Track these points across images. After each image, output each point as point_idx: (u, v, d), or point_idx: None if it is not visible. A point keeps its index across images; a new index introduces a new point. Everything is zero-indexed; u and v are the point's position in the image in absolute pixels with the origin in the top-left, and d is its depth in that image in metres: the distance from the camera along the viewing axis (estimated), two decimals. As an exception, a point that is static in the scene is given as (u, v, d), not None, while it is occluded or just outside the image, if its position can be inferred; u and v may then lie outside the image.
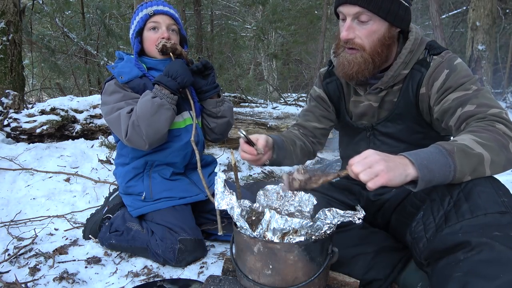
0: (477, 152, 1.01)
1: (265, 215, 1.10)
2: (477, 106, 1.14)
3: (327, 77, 1.55)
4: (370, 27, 1.23)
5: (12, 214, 2.13)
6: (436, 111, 1.25)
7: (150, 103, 1.57)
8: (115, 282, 1.49)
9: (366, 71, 1.28)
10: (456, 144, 1.02)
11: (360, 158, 1.01)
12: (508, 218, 0.94)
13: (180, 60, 1.72)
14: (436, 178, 0.99)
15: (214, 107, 1.82)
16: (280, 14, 7.51)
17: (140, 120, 1.57)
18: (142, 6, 1.77)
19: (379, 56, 1.27)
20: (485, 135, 1.04)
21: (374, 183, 0.96)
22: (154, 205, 1.72)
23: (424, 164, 0.98)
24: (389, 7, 1.21)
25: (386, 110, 1.40)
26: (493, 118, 1.10)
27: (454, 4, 8.45)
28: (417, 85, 1.30)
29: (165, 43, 1.68)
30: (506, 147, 1.03)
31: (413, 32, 1.31)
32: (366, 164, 0.98)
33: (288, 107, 4.40)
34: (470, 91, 1.18)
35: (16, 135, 3.13)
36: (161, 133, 1.63)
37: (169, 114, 1.62)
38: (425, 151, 1.02)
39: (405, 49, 1.29)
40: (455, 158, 0.99)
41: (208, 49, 7.76)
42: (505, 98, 5.97)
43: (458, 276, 0.91)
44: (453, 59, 1.26)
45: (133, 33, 1.77)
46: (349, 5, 1.22)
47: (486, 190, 1.00)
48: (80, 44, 6.37)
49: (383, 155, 1.00)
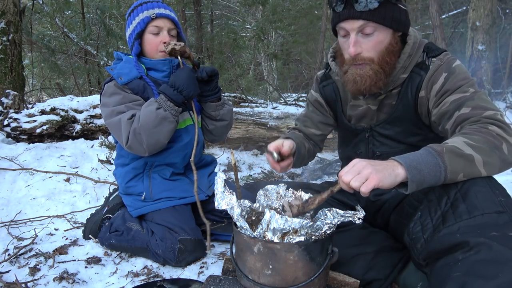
0: (467, 153, 1.01)
1: (265, 215, 1.10)
2: (472, 109, 1.15)
3: (324, 80, 1.55)
4: (376, 38, 1.21)
5: (12, 214, 2.13)
6: (434, 114, 1.26)
7: (154, 115, 1.56)
8: (115, 282, 1.49)
9: (380, 82, 1.27)
10: (446, 146, 1.03)
11: (348, 168, 1.03)
12: (505, 217, 0.94)
13: (187, 69, 1.69)
14: (427, 179, 1.00)
15: (213, 111, 1.82)
16: (280, 14, 7.50)
17: (142, 130, 1.56)
18: (142, 6, 1.73)
19: (388, 65, 1.26)
20: (476, 137, 1.04)
21: (366, 186, 0.98)
22: (154, 205, 1.72)
23: (413, 166, 0.99)
24: (392, 15, 1.20)
25: (385, 113, 1.40)
26: (486, 120, 1.11)
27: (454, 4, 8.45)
28: (416, 88, 1.30)
29: (175, 46, 1.64)
30: (498, 148, 1.04)
31: (411, 36, 1.31)
32: (354, 171, 1.00)
33: (288, 107, 4.40)
34: (467, 94, 1.18)
35: (16, 135, 3.13)
36: (162, 144, 1.63)
37: (171, 127, 1.62)
38: (414, 154, 1.03)
39: (404, 53, 1.29)
40: (445, 158, 1.00)
41: (208, 49, 7.76)
42: (505, 98, 5.97)
43: (456, 276, 0.91)
44: (451, 62, 1.26)
45: (133, 34, 1.73)
46: (352, 20, 1.19)
47: (483, 190, 1.00)
48: (80, 44, 6.37)
49: (369, 160, 1.02)
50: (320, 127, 1.61)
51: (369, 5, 1.16)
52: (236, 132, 3.57)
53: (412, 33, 1.31)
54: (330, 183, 1.62)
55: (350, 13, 1.18)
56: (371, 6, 1.16)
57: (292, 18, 9.21)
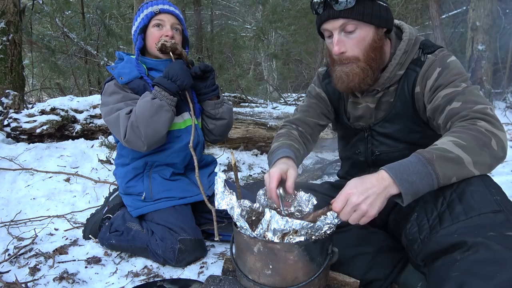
0: (456, 155, 1.01)
1: (265, 215, 1.10)
2: (462, 103, 1.15)
3: (326, 78, 1.55)
4: (359, 36, 1.24)
5: (12, 214, 2.13)
6: (428, 109, 1.26)
7: (150, 104, 1.57)
8: (115, 282, 1.49)
9: (368, 79, 1.28)
10: (435, 151, 1.03)
11: (341, 201, 1.05)
12: (502, 216, 0.94)
13: (180, 61, 1.71)
14: (420, 189, 1.01)
15: (212, 109, 1.82)
16: (280, 14, 7.51)
17: (139, 121, 1.57)
18: (147, 4, 1.77)
19: (374, 61, 1.27)
20: (465, 136, 1.05)
21: (363, 222, 1.04)
22: (154, 205, 1.72)
23: (404, 178, 1.00)
24: (371, 11, 1.22)
25: (383, 111, 1.40)
26: (476, 115, 1.11)
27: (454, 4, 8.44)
28: (412, 84, 1.31)
29: (165, 42, 1.67)
30: (487, 145, 1.04)
31: (407, 32, 1.32)
32: (351, 210, 1.03)
33: (288, 107, 4.40)
34: (459, 88, 1.19)
35: (16, 135, 3.13)
36: (160, 135, 1.63)
37: (168, 115, 1.62)
38: (405, 163, 1.03)
39: (400, 50, 1.30)
40: (435, 165, 1.00)
41: (208, 49, 7.77)
42: (505, 98, 5.96)
43: (455, 276, 0.91)
44: (446, 57, 1.27)
45: (136, 29, 1.76)
46: (332, 20, 1.22)
47: (479, 189, 1.01)
48: (80, 44, 6.38)
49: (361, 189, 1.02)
50: (322, 117, 1.61)
51: (348, 4, 1.19)
52: (236, 132, 3.57)
53: (407, 30, 1.32)
54: (330, 183, 1.62)
55: (330, 14, 1.22)
56: (349, 5, 1.19)
57: (292, 18, 9.21)
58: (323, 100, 1.59)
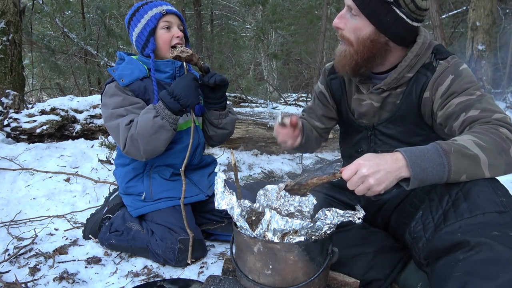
0: (474, 153, 1.01)
1: (265, 215, 1.10)
2: (481, 111, 1.15)
3: (332, 73, 1.55)
4: (357, 23, 1.25)
5: (12, 214, 2.13)
6: (439, 116, 1.25)
7: (152, 123, 1.55)
8: (115, 282, 1.49)
9: (347, 66, 1.31)
10: (454, 144, 1.03)
11: (351, 170, 1.07)
12: (506, 217, 0.94)
13: (190, 76, 1.64)
14: (429, 178, 1.01)
15: (216, 119, 1.81)
16: (280, 14, 7.51)
17: (139, 137, 1.56)
18: (148, 5, 1.73)
19: (362, 58, 1.27)
20: (485, 138, 1.04)
21: (370, 195, 1.06)
22: (154, 205, 1.72)
23: (418, 163, 1.01)
24: (375, 9, 1.21)
25: (388, 112, 1.40)
26: (497, 122, 1.11)
27: (454, 4, 8.44)
28: (421, 88, 1.30)
29: (180, 54, 1.58)
30: (506, 152, 1.04)
31: (422, 35, 1.29)
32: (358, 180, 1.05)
33: (288, 107, 4.41)
34: (473, 96, 1.18)
35: (16, 135, 3.13)
36: (159, 151, 1.63)
37: (168, 135, 1.61)
38: (421, 149, 1.04)
39: (411, 52, 1.28)
40: (451, 158, 1.00)
41: (208, 49, 7.77)
42: (505, 98, 5.96)
43: (457, 276, 0.91)
44: (458, 65, 1.26)
45: (144, 32, 1.71)
46: None
47: (485, 189, 1.00)
48: (80, 44, 6.38)
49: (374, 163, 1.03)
50: (323, 121, 1.63)
51: None
52: (236, 132, 3.57)
53: (422, 33, 1.30)
54: (330, 183, 1.62)
55: None
56: None
57: (292, 18, 9.21)
58: (324, 98, 1.60)
